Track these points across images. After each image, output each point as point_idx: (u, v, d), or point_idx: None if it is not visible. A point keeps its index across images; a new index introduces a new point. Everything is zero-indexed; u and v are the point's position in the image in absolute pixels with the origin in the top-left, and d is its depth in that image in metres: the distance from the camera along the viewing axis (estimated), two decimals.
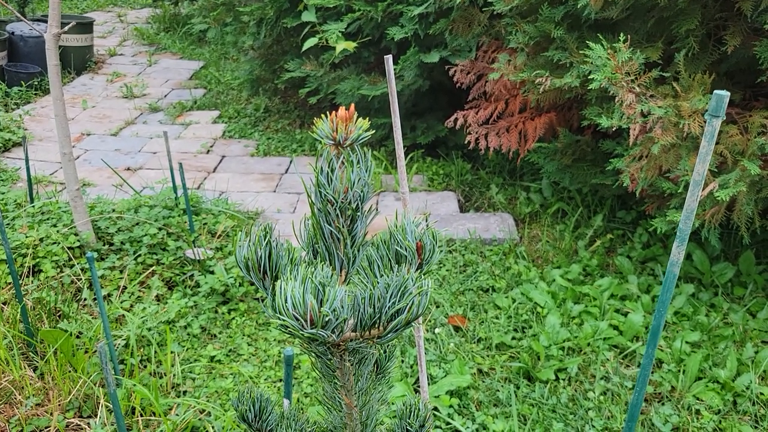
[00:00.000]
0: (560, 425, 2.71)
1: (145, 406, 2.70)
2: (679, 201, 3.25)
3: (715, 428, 2.73)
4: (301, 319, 0.95)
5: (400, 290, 1.03)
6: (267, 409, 1.27)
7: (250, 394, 1.25)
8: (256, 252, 1.09)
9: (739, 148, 3.00)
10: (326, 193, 1.02)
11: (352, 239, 1.08)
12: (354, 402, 1.26)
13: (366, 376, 1.27)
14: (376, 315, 1.05)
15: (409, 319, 1.05)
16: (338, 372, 1.20)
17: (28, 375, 2.79)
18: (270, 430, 1.28)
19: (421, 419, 1.22)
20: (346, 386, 1.22)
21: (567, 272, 3.89)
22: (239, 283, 3.68)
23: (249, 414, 1.25)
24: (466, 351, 3.25)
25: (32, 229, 3.71)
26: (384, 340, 1.08)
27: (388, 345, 1.39)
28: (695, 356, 3.05)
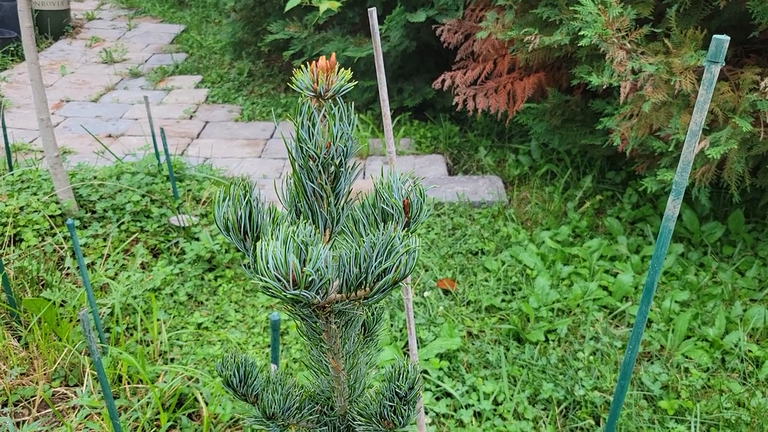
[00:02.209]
0: (550, 385, 2.71)
1: (132, 374, 2.67)
2: (669, 160, 3.22)
3: (704, 386, 2.74)
4: (284, 280, 0.90)
5: (387, 249, 0.98)
6: (252, 374, 1.23)
7: (234, 359, 1.21)
8: (236, 212, 1.04)
9: (730, 105, 2.96)
10: (307, 148, 0.97)
11: (336, 197, 1.03)
12: (341, 365, 1.22)
13: (353, 339, 1.23)
14: (362, 275, 1.01)
15: (396, 278, 1.01)
16: (324, 335, 1.16)
17: (11, 345, 2.75)
18: (256, 395, 1.25)
19: (410, 381, 1.19)
20: (333, 349, 1.18)
21: (556, 234, 3.87)
22: (225, 249, 3.63)
23: (234, 379, 1.21)
24: (456, 314, 3.24)
25: (12, 198, 3.62)
26: (371, 300, 1.04)
27: (376, 307, 1.35)
28: (684, 315, 3.06)
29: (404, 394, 1.20)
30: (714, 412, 2.57)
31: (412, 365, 1.22)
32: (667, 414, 2.58)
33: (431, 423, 2.56)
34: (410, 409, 1.22)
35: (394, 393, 1.20)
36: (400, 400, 1.21)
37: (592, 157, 4.56)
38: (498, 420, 2.58)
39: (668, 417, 2.57)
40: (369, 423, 1.26)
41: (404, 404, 1.21)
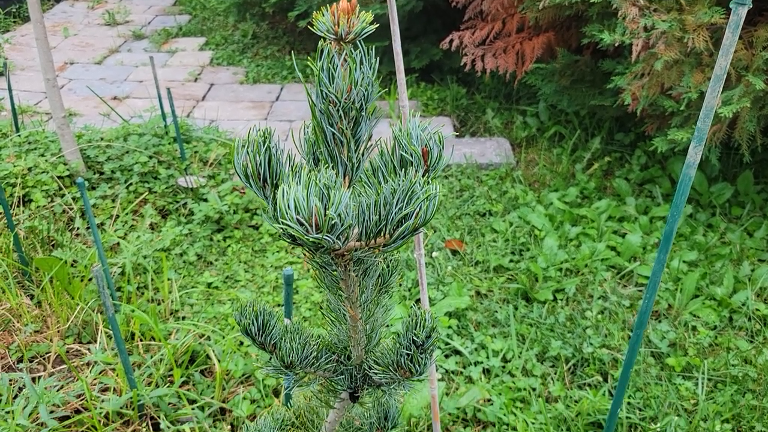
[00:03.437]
0: (558, 343, 2.73)
1: (144, 331, 2.70)
2: (680, 119, 3.19)
3: (711, 343, 2.76)
4: (306, 224, 0.90)
5: (407, 195, 0.98)
6: (270, 323, 1.24)
7: (252, 307, 1.22)
8: (255, 158, 1.04)
9: (743, 63, 2.92)
10: (328, 92, 0.96)
11: (356, 142, 1.03)
12: (358, 314, 1.23)
13: (370, 288, 1.24)
14: (382, 222, 1.01)
15: (416, 225, 1.01)
16: (342, 284, 1.17)
17: (25, 303, 2.78)
18: (274, 344, 1.26)
19: (427, 330, 1.20)
20: (351, 298, 1.19)
21: (564, 195, 3.86)
22: (233, 210, 3.63)
23: (252, 328, 1.22)
24: (464, 274, 3.25)
25: (20, 159, 3.62)
26: (390, 248, 1.04)
27: (391, 259, 1.36)
28: (692, 275, 3.06)
29: (421, 343, 1.21)
30: (721, 369, 2.60)
31: (429, 314, 1.23)
32: (675, 371, 2.60)
33: (441, 379, 2.59)
34: (427, 357, 1.23)
35: (411, 341, 1.21)
36: (417, 349, 1.22)
37: (600, 118, 4.53)
38: (507, 377, 2.61)
39: (675, 374, 2.60)
40: (386, 371, 1.28)
41: (421, 353, 1.22)
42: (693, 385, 2.53)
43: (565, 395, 2.51)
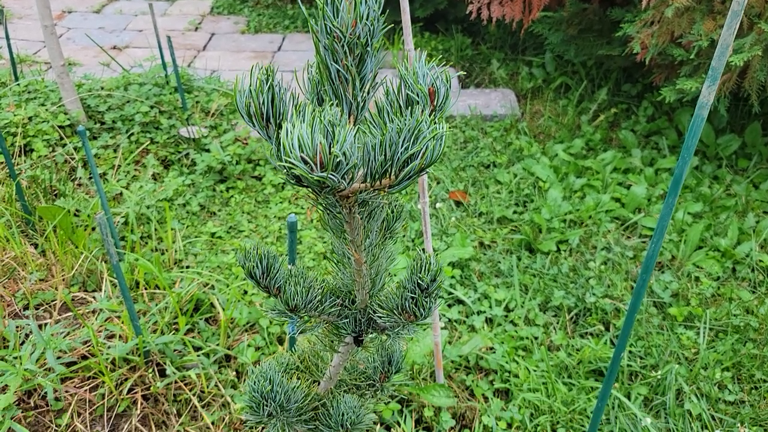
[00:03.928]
0: (561, 293, 2.74)
1: (148, 280, 2.71)
2: (689, 69, 3.13)
3: (714, 294, 2.77)
4: (311, 162, 0.88)
5: (414, 134, 0.96)
6: (274, 267, 1.24)
7: (257, 250, 1.21)
8: (258, 97, 1.02)
9: (756, 11, 2.85)
10: (332, 26, 0.93)
11: (361, 80, 1.00)
12: (363, 258, 1.23)
13: (375, 232, 1.23)
14: (388, 162, 0.99)
15: (422, 165, 0.99)
16: (347, 226, 1.16)
17: (29, 251, 2.78)
18: (278, 288, 1.26)
19: (432, 274, 1.19)
20: (356, 241, 1.18)
21: (569, 147, 3.83)
22: (236, 161, 3.61)
23: (256, 270, 1.21)
24: (468, 225, 3.24)
25: (20, 108, 3.58)
26: (395, 189, 1.03)
27: (396, 204, 1.34)
28: (696, 226, 3.05)
29: (426, 286, 1.20)
30: (723, 319, 2.61)
31: (434, 258, 1.22)
32: (677, 320, 2.62)
33: (444, 327, 2.61)
34: (432, 301, 1.23)
35: (416, 285, 1.21)
36: (422, 292, 1.21)
37: (608, 69, 4.46)
38: (509, 326, 2.63)
39: (677, 323, 2.61)
40: (390, 315, 1.28)
41: (426, 296, 1.22)
42: (694, 335, 2.54)
43: (567, 344, 2.53)
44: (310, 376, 1.57)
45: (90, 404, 2.25)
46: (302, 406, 1.44)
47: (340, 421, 1.41)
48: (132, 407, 2.27)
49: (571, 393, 2.30)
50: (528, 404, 2.28)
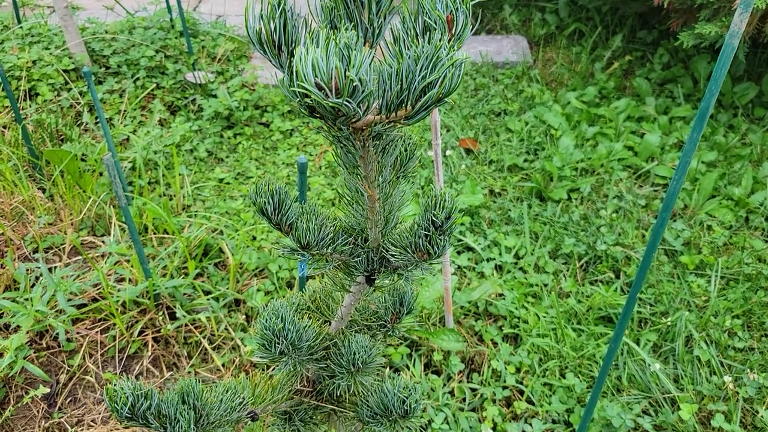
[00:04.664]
0: (571, 241, 2.72)
1: (157, 224, 2.71)
2: (709, 12, 3.04)
3: (726, 242, 2.74)
4: (325, 87, 0.85)
5: (432, 61, 0.92)
6: (286, 203, 1.21)
7: (268, 186, 1.19)
8: (270, 23, 0.98)
9: None
10: None
11: (378, 3, 0.96)
12: (376, 194, 1.20)
13: (389, 168, 1.20)
14: (404, 92, 0.95)
15: (441, 94, 0.95)
16: (361, 161, 1.13)
17: (37, 196, 2.77)
18: (290, 225, 1.23)
19: (447, 211, 1.17)
20: (369, 177, 1.15)
21: (582, 95, 3.76)
22: (243, 107, 3.56)
23: (268, 206, 1.19)
24: (478, 172, 3.21)
25: (23, 51, 3.53)
26: (412, 120, 0.99)
27: (409, 143, 1.31)
28: (710, 175, 3.01)
29: (440, 224, 1.18)
30: (734, 267, 2.59)
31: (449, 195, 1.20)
32: (688, 269, 2.60)
33: (453, 273, 2.60)
34: (446, 239, 1.21)
35: (430, 222, 1.18)
36: (436, 230, 1.19)
37: (623, 14, 4.34)
38: (519, 273, 2.62)
39: (688, 271, 2.60)
40: (403, 253, 1.26)
41: (440, 234, 1.20)
42: (705, 283, 2.53)
43: (576, 291, 2.53)
44: (321, 316, 1.57)
45: (101, 346, 2.27)
46: (314, 345, 1.43)
47: (351, 360, 1.41)
48: (143, 349, 2.28)
49: (580, 339, 2.30)
50: (537, 349, 2.29)
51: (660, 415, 2.06)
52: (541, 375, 2.21)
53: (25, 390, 2.12)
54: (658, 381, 2.15)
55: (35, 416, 2.06)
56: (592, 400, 1.46)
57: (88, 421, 2.06)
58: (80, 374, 2.19)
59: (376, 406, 1.47)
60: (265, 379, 1.53)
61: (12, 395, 2.09)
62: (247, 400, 1.43)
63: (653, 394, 2.12)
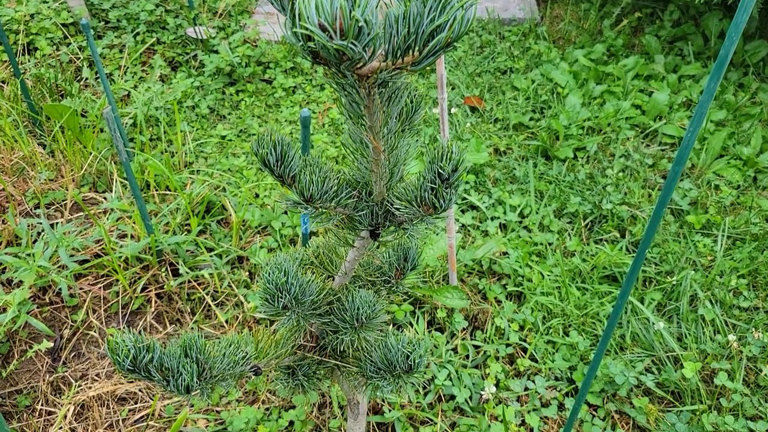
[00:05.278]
0: (577, 200, 2.70)
1: (159, 181, 2.68)
2: None
3: (733, 202, 2.71)
4: (330, 28, 0.81)
5: (441, 3, 0.89)
6: (289, 154, 1.19)
7: (270, 136, 1.16)
8: None
9: None
10: None
11: None
12: (381, 145, 1.17)
13: (394, 119, 1.17)
14: (411, 37, 0.92)
15: (449, 38, 0.92)
16: (366, 111, 1.10)
17: (37, 151, 2.74)
18: (293, 177, 1.21)
19: (454, 163, 1.14)
20: (374, 127, 1.12)
21: (590, 52, 3.68)
22: (245, 63, 3.50)
23: (270, 158, 1.16)
24: (483, 131, 3.17)
25: (21, 4, 3.46)
26: (419, 66, 0.96)
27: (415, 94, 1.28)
28: (719, 134, 2.96)
29: (447, 177, 1.15)
30: (741, 227, 2.57)
31: (455, 146, 1.17)
32: (694, 228, 2.58)
33: (457, 231, 2.58)
34: (452, 192, 1.18)
35: (436, 175, 1.16)
36: (443, 183, 1.16)
37: None
38: (523, 231, 2.60)
39: (695, 231, 2.58)
40: (409, 207, 1.24)
41: (446, 187, 1.17)
42: (711, 242, 2.51)
43: (581, 250, 2.51)
44: (325, 272, 1.56)
45: (105, 301, 2.26)
46: (317, 300, 1.42)
47: (355, 315, 1.40)
48: (146, 305, 2.28)
49: (584, 297, 2.29)
50: (541, 307, 2.28)
51: (663, 373, 2.06)
52: (545, 333, 2.20)
53: (28, 344, 2.12)
54: (661, 339, 2.15)
55: (39, 370, 2.07)
56: (597, 357, 1.46)
57: (92, 375, 2.07)
58: (84, 329, 2.19)
59: (379, 361, 1.46)
60: (268, 334, 1.52)
61: (16, 349, 2.10)
62: (250, 354, 1.42)
63: (656, 353, 2.12)
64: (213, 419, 1.95)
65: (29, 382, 2.04)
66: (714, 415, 1.93)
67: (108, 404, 1.99)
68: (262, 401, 2.00)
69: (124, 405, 2.01)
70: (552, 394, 2.04)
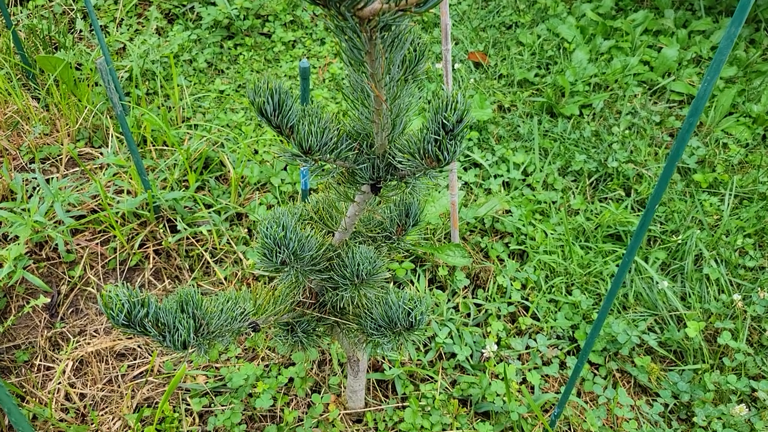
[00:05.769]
0: (582, 158, 2.65)
1: (156, 136, 2.63)
2: None
3: (741, 161, 2.66)
4: None
5: None
6: (287, 103, 1.14)
7: (267, 84, 1.11)
8: None
9: None
10: None
11: None
12: (383, 94, 1.12)
13: (397, 66, 1.12)
14: None
15: None
16: (367, 57, 1.04)
17: (31, 105, 2.68)
18: (291, 127, 1.16)
19: (459, 113, 1.09)
20: (376, 75, 1.07)
21: (598, 6, 3.58)
22: (244, 16, 3.41)
23: (267, 107, 1.12)
24: (487, 87, 3.10)
25: None
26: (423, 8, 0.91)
27: (419, 43, 1.22)
28: (729, 91, 2.90)
29: (451, 128, 1.11)
30: (748, 186, 2.52)
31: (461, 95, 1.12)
32: (701, 187, 2.54)
33: (460, 189, 2.54)
34: (456, 144, 1.14)
35: (440, 125, 1.11)
36: (447, 134, 1.12)
37: None
38: (526, 189, 2.55)
39: (701, 190, 2.53)
40: (411, 159, 1.19)
41: (450, 139, 1.13)
42: (718, 201, 2.47)
43: (585, 208, 2.47)
44: (324, 227, 1.52)
45: (102, 257, 2.24)
46: (316, 255, 1.39)
47: (355, 271, 1.37)
48: (144, 261, 2.26)
49: (588, 256, 2.26)
50: (543, 266, 2.26)
51: (666, 333, 2.04)
52: (547, 291, 2.18)
53: (25, 300, 2.10)
54: (665, 299, 2.13)
55: (37, 326, 2.06)
56: (601, 316, 1.43)
57: (90, 331, 2.05)
58: (81, 285, 2.17)
59: (380, 318, 1.44)
60: (267, 290, 1.50)
61: (13, 305, 2.08)
62: (249, 310, 1.40)
63: (660, 312, 2.10)
64: (212, 375, 1.94)
65: (27, 338, 2.02)
66: (716, 375, 1.91)
67: (107, 360, 1.98)
68: (262, 358, 1.99)
69: (123, 361, 2.00)
70: (553, 353, 2.03)
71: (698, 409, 1.84)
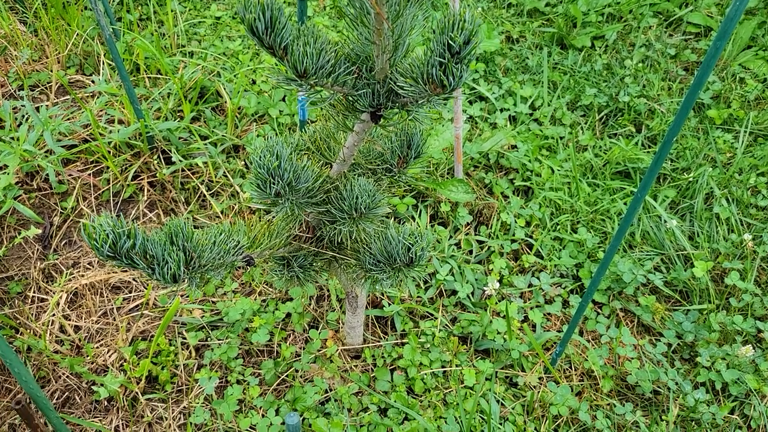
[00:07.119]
0: (592, 91, 2.55)
1: (149, 64, 2.53)
2: None
3: (758, 96, 2.56)
4: None
5: None
6: (280, 20, 1.04)
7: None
8: None
9: None
10: None
11: None
12: (384, 12, 1.03)
13: None
14: None
15: None
16: None
17: (19, 29, 2.57)
18: (285, 48, 1.07)
19: (466, 34, 1.00)
20: None
21: None
22: None
23: (258, 24, 1.02)
24: (495, 16, 2.96)
25: None
26: None
27: None
28: (748, 23, 2.77)
29: (458, 50, 1.02)
30: (765, 123, 2.43)
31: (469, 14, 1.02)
32: (715, 123, 2.44)
33: (464, 122, 2.45)
34: (463, 68, 1.05)
35: (445, 47, 1.02)
36: (453, 57, 1.03)
37: None
38: (533, 124, 2.47)
39: (715, 126, 2.44)
40: (414, 85, 1.11)
41: (456, 62, 1.04)
42: (732, 138, 2.38)
43: (594, 144, 2.39)
44: (322, 158, 1.45)
45: (95, 189, 2.18)
46: (313, 187, 1.32)
47: (353, 204, 1.31)
48: (138, 194, 2.20)
49: (595, 193, 2.20)
50: (549, 203, 2.19)
51: (672, 272, 2.00)
52: (552, 229, 2.13)
53: (17, 231, 2.05)
54: (673, 238, 2.07)
55: (30, 257, 2.01)
56: (609, 254, 1.38)
57: (84, 263, 2.01)
58: (74, 217, 2.12)
59: (379, 253, 1.38)
60: (262, 223, 1.44)
61: (5, 236, 2.03)
62: (243, 243, 1.34)
63: (667, 251, 2.05)
64: (209, 309, 1.91)
65: (20, 269, 1.98)
66: (722, 315, 1.87)
67: (101, 293, 1.95)
68: (259, 293, 1.95)
69: (118, 294, 1.96)
70: (557, 291, 1.99)
71: (702, 349, 1.81)
